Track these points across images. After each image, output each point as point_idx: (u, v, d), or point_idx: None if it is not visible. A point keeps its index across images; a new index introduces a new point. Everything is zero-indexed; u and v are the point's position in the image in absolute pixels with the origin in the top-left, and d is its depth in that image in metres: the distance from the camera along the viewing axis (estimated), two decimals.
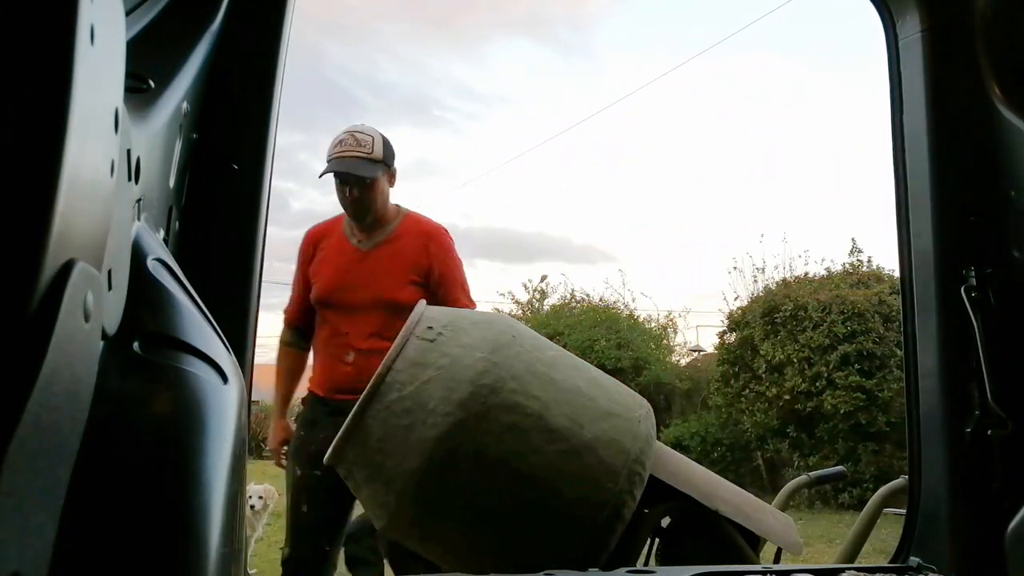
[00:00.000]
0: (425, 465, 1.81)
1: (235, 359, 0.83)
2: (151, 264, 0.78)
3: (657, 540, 2.19)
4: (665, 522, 2.18)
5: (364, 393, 1.95)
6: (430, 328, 1.98)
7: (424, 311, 2.06)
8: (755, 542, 2.12)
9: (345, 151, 2.86)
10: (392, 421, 1.86)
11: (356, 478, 2.00)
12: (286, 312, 3.12)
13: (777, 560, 2.22)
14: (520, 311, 15.28)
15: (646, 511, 2.06)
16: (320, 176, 2.89)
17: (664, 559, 2.14)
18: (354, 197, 2.87)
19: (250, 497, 5.81)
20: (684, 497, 2.04)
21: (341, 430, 1.98)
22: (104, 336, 0.60)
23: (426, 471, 1.81)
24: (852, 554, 2.51)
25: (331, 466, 2.04)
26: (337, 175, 2.87)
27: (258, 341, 1.45)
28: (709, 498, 2.04)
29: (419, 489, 1.82)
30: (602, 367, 4.55)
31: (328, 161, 2.89)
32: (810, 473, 2.85)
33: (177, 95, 1.05)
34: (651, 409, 2.12)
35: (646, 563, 2.14)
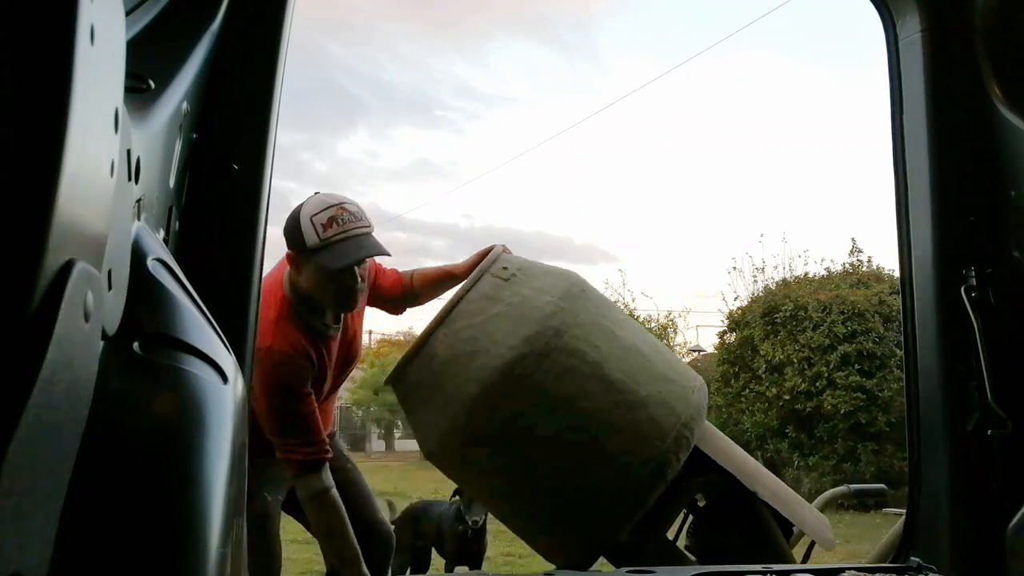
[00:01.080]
0: (482, 391, 1.87)
1: (235, 359, 0.83)
2: (151, 264, 0.78)
3: (691, 518, 2.23)
4: (702, 503, 2.22)
5: (433, 318, 2.02)
6: (505, 268, 2.07)
7: (500, 253, 2.14)
8: (787, 535, 2.16)
9: (361, 227, 2.23)
10: (457, 346, 1.94)
11: (413, 399, 2.05)
12: (319, 450, 2.30)
13: (807, 557, 2.25)
14: None
15: (684, 484, 2.10)
16: (354, 264, 2.24)
17: (696, 538, 2.18)
18: (360, 284, 2.32)
19: None
20: (725, 474, 2.06)
21: (406, 351, 2.05)
22: (104, 336, 0.60)
23: (481, 397, 1.87)
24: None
25: (390, 384, 2.07)
26: (357, 263, 2.25)
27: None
28: (750, 479, 2.07)
29: (472, 414, 1.88)
30: None
31: (339, 242, 2.19)
32: (851, 486, 2.90)
33: (177, 95, 1.05)
34: (705, 384, 2.15)
35: (676, 538, 2.22)
